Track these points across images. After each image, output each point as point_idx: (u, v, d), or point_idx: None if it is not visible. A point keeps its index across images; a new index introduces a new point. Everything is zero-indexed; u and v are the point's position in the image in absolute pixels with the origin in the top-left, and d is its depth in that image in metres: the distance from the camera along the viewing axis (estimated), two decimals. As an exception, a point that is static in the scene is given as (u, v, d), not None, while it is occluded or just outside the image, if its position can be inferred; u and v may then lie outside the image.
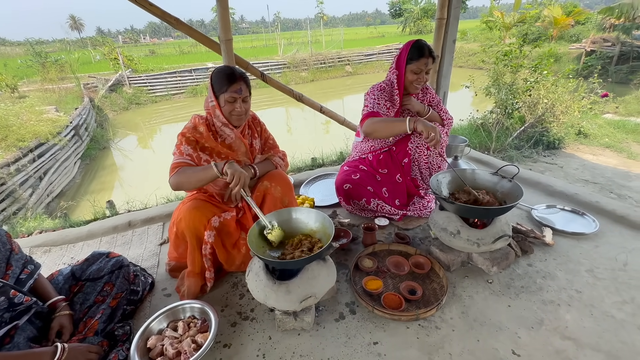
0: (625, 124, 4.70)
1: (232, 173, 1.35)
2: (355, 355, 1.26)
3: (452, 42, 2.97)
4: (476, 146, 3.96)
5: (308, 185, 2.65)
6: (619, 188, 2.98)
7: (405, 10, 33.58)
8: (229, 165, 1.37)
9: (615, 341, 1.26)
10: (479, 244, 1.52)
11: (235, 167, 1.37)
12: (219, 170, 1.37)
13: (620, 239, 1.83)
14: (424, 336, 1.32)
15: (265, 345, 1.32)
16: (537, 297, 1.47)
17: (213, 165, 1.38)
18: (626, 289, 1.49)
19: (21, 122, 5.37)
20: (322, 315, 1.44)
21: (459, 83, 5.91)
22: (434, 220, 1.70)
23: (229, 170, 1.35)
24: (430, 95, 2.13)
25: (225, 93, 1.44)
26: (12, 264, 1.24)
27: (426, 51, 1.83)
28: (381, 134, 1.89)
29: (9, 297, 1.13)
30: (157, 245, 2.00)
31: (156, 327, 1.34)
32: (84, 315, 1.35)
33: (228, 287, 1.63)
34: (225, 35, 2.15)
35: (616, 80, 10.59)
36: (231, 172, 1.35)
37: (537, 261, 1.69)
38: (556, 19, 15.91)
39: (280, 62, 17.30)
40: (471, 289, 1.54)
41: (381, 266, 1.67)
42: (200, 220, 1.49)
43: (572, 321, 1.35)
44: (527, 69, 4.23)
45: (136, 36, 79.04)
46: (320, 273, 1.32)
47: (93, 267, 1.45)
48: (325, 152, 4.16)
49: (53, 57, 12.98)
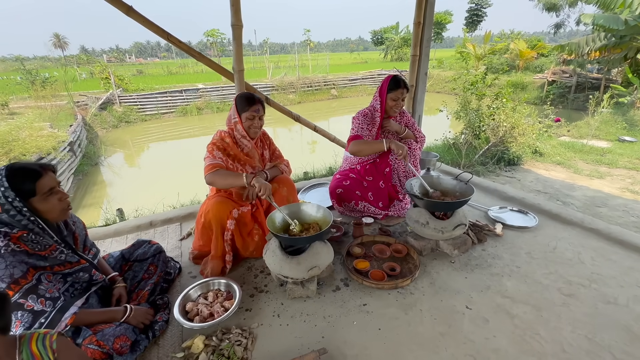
0: (574, 145, 5.44)
1: (260, 185, 1.73)
2: (349, 313, 1.64)
3: (424, 74, 3.55)
4: (448, 162, 4.52)
5: (304, 192, 3.06)
6: (564, 197, 3.56)
7: (387, 38, 35.70)
8: (257, 180, 1.75)
9: (540, 298, 1.71)
10: (443, 231, 1.97)
11: (261, 180, 1.76)
12: (248, 181, 1.76)
13: (554, 230, 2.34)
14: (402, 299, 1.72)
15: (278, 308, 1.69)
16: (487, 271, 1.92)
17: (244, 177, 1.76)
18: (552, 265, 1.97)
19: (24, 137, 5.58)
20: (323, 288, 1.82)
21: (436, 107, 6.61)
22: (409, 215, 2.15)
23: (257, 183, 1.73)
24: (406, 118, 2.64)
25: (246, 112, 1.88)
26: (87, 246, 1.58)
27: (402, 84, 2.34)
28: (364, 153, 2.38)
29: (90, 273, 1.47)
30: (178, 241, 2.33)
31: (192, 295, 1.69)
32: (134, 287, 1.69)
33: (244, 270, 1.99)
34: (239, 66, 2.61)
35: (573, 108, 11.80)
36: (259, 185, 1.73)
37: (489, 247, 2.15)
38: (521, 52, 17.57)
39: (269, 85, 18.01)
40: (438, 267, 1.97)
41: (368, 252, 2.09)
42: (224, 211, 1.87)
43: (511, 286, 1.79)
44: (490, 97, 4.92)
45: (122, 55, 79.22)
46: (322, 250, 1.73)
47: (139, 251, 1.80)
48: (316, 167, 4.62)
49: (42, 74, 13.12)
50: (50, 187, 1.27)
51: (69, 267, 1.38)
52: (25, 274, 1.22)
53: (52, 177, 1.30)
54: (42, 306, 1.22)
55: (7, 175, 1.21)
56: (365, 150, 2.36)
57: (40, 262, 1.27)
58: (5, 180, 1.20)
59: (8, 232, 1.22)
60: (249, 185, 1.77)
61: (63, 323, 1.24)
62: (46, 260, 1.30)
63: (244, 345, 1.46)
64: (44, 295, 1.24)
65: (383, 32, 37.43)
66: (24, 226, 1.26)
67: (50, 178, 1.28)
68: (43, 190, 1.25)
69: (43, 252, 1.29)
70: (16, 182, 1.21)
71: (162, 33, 2.35)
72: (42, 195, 1.25)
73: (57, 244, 1.35)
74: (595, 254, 2.06)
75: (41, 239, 1.29)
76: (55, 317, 1.23)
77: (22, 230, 1.25)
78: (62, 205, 1.32)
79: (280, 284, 1.85)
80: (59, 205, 1.30)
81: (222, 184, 1.82)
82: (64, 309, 1.26)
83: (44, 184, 1.25)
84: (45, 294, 1.25)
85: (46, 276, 1.29)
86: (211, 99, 16.37)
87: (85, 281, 1.46)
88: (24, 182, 1.23)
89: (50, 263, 1.31)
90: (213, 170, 1.80)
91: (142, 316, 1.49)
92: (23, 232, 1.25)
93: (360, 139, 2.37)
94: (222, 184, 1.82)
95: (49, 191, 1.27)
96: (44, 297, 1.24)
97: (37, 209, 1.27)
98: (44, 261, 1.29)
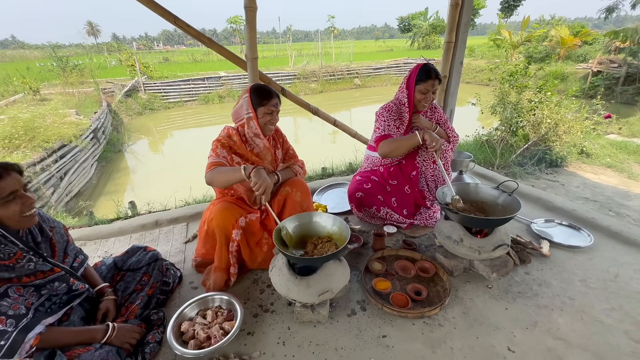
0: (627, 145, 4.83)
1: (256, 181, 1.44)
2: (366, 346, 1.40)
3: (459, 64, 3.16)
4: (481, 162, 4.11)
5: (320, 193, 2.82)
6: (617, 207, 3.10)
7: (414, 25, 34.21)
8: (255, 173, 1.46)
9: (602, 343, 1.39)
10: (480, 251, 1.67)
11: (261, 175, 1.46)
12: (246, 174, 1.48)
13: (613, 253, 1.97)
14: (428, 332, 1.46)
15: (284, 334, 1.47)
16: (532, 301, 1.61)
17: (242, 169, 1.48)
18: (615, 297, 1.63)
19: (47, 124, 5.67)
20: (336, 311, 1.59)
21: (466, 99, 6.10)
22: (439, 228, 1.86)
23: (254, 178, 1.44)
24: (438, 114, 2.31)
25: (264, 107, 1.65)
26: (68, 253, 1.42)
27: (433, 74, 2.01)
28: (397, 152, 2.08)
29: (68, 283, 1.31)
30: (183, 243, 2.17)
31: (188, 313, 1.50)
32: (125, 300, 1.52)
33: (249, 283, 1.79)
34: (252, 54, 2.36)
35: (622, 101, 10.72)
36: (255, 180, 1.44)
37: (534, 270, 1.83)
38: (563, 39, 16.17)
39: (291, 73, 17.72)
40: (472, 292, 1.68)
41: (389, 269, 1.83)
42: (229, 220, 1.66)
43: (564, 324, 1.48)
44: (532, 90, 4.41)
45: (150, 43, 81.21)
46: (337, 271, 1.48)
47: (133, 259, 1.63)
48: (335, 162, 4.34)
49: (73, 62, 13.49)
50: (10, 191, 1.09)
51: (41, 277, 1.21)
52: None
53: (16, 179, 1.12)
54: (3, 326, 1.06)
55: None
56: (398, 150, 2.06)
57: (4, 274, 1.11)
58: None
59: None
60: (247, 178, 1.48)
61: (27, 345, 1.08)
62: (12, 271, 1.14)
63: (241, 380, 1.26)
64: (6, 312, 1.08)
65: (411, 18, 35.88)
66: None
67: (13, 180, 1.11)
68: (1, 194, 1.08)
69: (7, 261, 1.13)
70: None
71: (169, 16, 2.14)
72: (0, 200, 1.08)
73: (24, 251, 1.18)
74: (670, 286, 1.70)
75: (3, 247, 1.13)
76: (17, 338, 1.07)
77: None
78: (26, 210, 1.15)
79: (289, 303, 1.63)
80: (22, 211, 1.13)
81: (221, 181, 1.57)
82: (27, 329, 1.10)
83: (3, 187, 1.08)
84: (8, 311, 1.08)
85: (15, 289, 1.13)
86: (233, 87, 16.31)
87: (64, 292, 1.30)
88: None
89: (17, 274, 1.15)
90: (212, 168, 1.58)
91: (127, 335, 1.32)
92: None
93: (389, 137, 2.07)
94: (221, 181, 1.57)
95: (10, 195, 1.09)
96: (5, 314, 1.07)
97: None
98: (10, 272, 1.13)
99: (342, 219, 1.61)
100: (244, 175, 1.48)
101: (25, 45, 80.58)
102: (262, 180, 1.45)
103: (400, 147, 2.03)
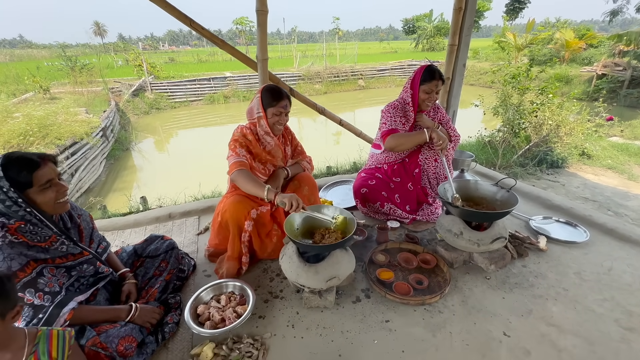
0: (628, 147, 4.88)
1: (289, 201, 1.50)
2: (370, 329, 1.50)
3: (462, 66, 3.25)
4: (483, 162, 4.19)
5: (326, 190, 2.92)
6: (616, 206, 3.17)
7: (419, 27, 34.24)
8: (281, 196, 1.53)
9: (593, 330, 1.48)
10: (479, 244, 1.76)
11: (285, 196, 1.53)
12: (268, 198, 1.56)
13: (608, 248, 2.05)
14: (429, 318, 1.55)
15: (293, 318, 1.57)
16: (528, 292, 1.70)
17: (266, 191, 1.56)
18: (608, 289, 1.71)
19: (59, 122, 5.82)
20: (342, 298, 1.68)
21: (470, 101, 6.18)
22: (440, 223, 1.95)
23: (285, 200, 1.51)
24: (440, 114, 2.40)
25: (273, 108, 1.75)
26: (93, 239, 1.53)
27: (437, 75, 2.11)
28: (404, 146, 2.18)
29: (95, 266, 1.42)
30: (195, 235, 2.28)
31: (204, 298, 1.61)
32: (145, 284, 1.63)
33: (260, 272, 1.90)
34: (262, 55, 2.47)
35: (626, 104, 10.72)
36: (288, 201, 1.50)
37: (531, 263, 1.91)
38: (568, 42, 16.16)
39: (296, 74, 17.84)
40: (471, 283, 1.77)
41: (392, 261, 1.92)
42: (242, 211, 1.76)
43: (557, 312, 1.57)
44: (534, 92, 4.48)
45: (155, 43, 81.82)
46: (343, 259, 1.58)
47: (151, 247, 1.74)
48: (340, 161, 4.44)
49: (81, 61, 13.71)
50: (48, 179, 1.21)
51: (72, 259, 1.33)
52: (24, 266, 1.17)
53: (52, 168, 1.23)
54: (41, 300, 1.18)
55: (2, 164, 1.15)
56: (405, 145, 2.17)
57: (41, 255, 1.22)
58: (0, 170, 1.14)
59: (5, 223, 1.17)
60: (269, 201, 1.59)
61: (61, 319, 1.19)
62: (47, 252, 1.25)
63: (254, 357, 1.36)
64: (43, 289, 1.19)
65: (415, 20, 35.93)
66: (21, 217, 1.20)
67: (50, 169, 1.22)
68: (40, 182, 1.19)
69: (43, 243, 1.24)
70: (12, 172, 1.16)
71: (185, 19, 2.25)
72: (38, 187, 1.19)
73: (57, 235, 1.29)
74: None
75: (40, 230, 1.24)
76: (53, 312, 1.18)
77: (20, 221, 1.20)
78: (60, 197, 1.26)
79: (297, 290, 1.73)
80: (57, 197, 1.24)
81: (244, 188, 1.69)
82: (62, 304, 1.21)
83: (42, 175, 1.19)
84: (45, 288, 1.20)
85: (49, 269, 1.24)
86: (238, 87, 16.47)
87: (91, 275, 1.41)
88: (20, 173, 1.17)
89: (51, 255, 1.26)
90: (238, 168, 1.68)
91: (148, 315, 1.42)
92: (20, 222, 1.20)
93: (396, 132, 2.17)
94: (244, 188, 1.69)
95: (47, 183, 1.21)
96: (42, 291, 1.19)
97: (34, 201, 1.22)
98: (45, 253, 1.24)
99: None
100: (266, 198, 1.56)
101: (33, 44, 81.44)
102: (293, 199, 1.52)
103: (407, 142, 2.14)
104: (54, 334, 1.03)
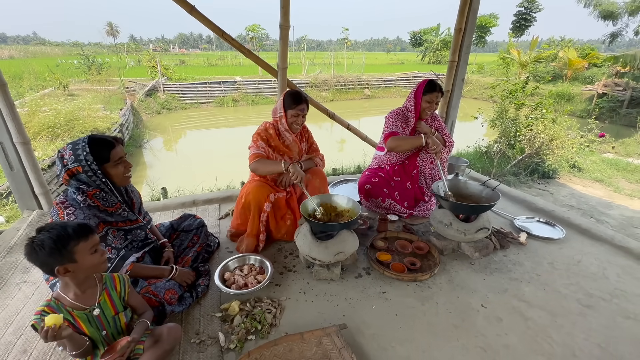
0: (617, 162, 5.16)
1: (294, 172, 1.97)
2: (369, 298, 1.78)
3: (460, 80, 3.57)
4: (479, 170, 4.49)
5: (333, 186, 3.22)
6: (599, 214, 3.45)
7: (426, 40, 34.86)
8: (293, 166, 1.99)
9: (557, 306, 1.75)
10: (465, 233, 2.05)
11: (297, 168, 1.99)
12: (285, 168, 1.99)
13: (581, 245, 2.33)
14: (419, 291, 1.83)
15: (305, 287, 1.86)
16: (506, 275, 1.98)
17: (282, 163, 2.00)
18: (574, 276, 1.99)
19: (83, 117, 6.19)
20: (346, 274, 1.97)
21: (472, 114, 6.49)
22: (433, 215, 2.24)
23: (292, 169, 1.97)
24: (437, 122, 2.71)
25: (292, 110, 2.06)
26: (142, 212, 1.84)
27: (437, 87, 2.43)
28: (403, 148, 2.48)
29: (145, 232, 1.73)
30: (217, 219, 2.58)
31: (230, 266, 1.90)
32: (180, 253, 1.93)
33: (275, 251, 2.19)
34: (283, 64, 2.81)
35: (624, 123, 11.02)
36: (293, 171, 1.97)
37: (511, 254, 2.20)
38: (571, 61, 16.55)
39: (303, 81, 18.28)
40: (457, 267, 2.05)
41: (391, 246, 2.21)
42: (263, 194, 2.07)
43: (529, 292, 1.85)
44: (529, 107, 4.79)
45: (166, 45, 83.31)
46: (349, 238, 1.88)
47: (185, 223, 2.05)
48: (345, 164, 4.76)
49: (98, 60, 14.22)
50: (120, 156, 1.51)
51: (129, 225, 1.63)
52: (97, 225, 1.47)
53: (122, 148, 1.55)
54: (109, 253, 1.48)
55: (89, 143, 1.46)
56: (403, 146, 2.46)
57: (108, 218, 1.53)
58: (87, 147, 1.45)
59: (85, 190, 1.47)
60: (286, 170, 1.97)
61: (124, 269, 1.49)
62: (112, 216, 1.55)
63: (273, 313, 1.64)
64: (111, 244, 1.50)
65: (422, 33, 36.61)
66: (97, 185, 1.51)
67: (121, 149, 1.53)
68: (115, 158, 1.49)
69: (110, 208, 1.55)
70: (95, 149, 1.46)
71: (219, 31, 2.59)
72: (113, 162, 1.50)
73: (121, 203, 1.60)
74: (622, 271, 2.05)
75: (109, 197, 1.55)
76: (118, 264, 1.49)
77: (96, 188, 1.51)
78: (126, 172, 1.57)
79: (308, 266, 2.02)
80: (124, 172, 1.55)
81: (263, 171, 2.03)
82: (124, 258, 1.51)
83: (116, 153, 1.50)
84: (112, 244, 1.50)
85: (112, 231, 1.55)
86: (247, 91, 16.91)
87: (141, 240, 1.71)
88: (102, 150, 1.47)
89: (115, 219, 1.56)
90: (256, 159, 2.01)
91: (185, 276, 1.72)
92: (96, 190, 1.50)
93: (397, 134, 2.48)
94: (263, 171, 2.03)
95: (119, 159, 1.51)
96: (110, 246, 1.50)
97: (108, 173, 1.52)
98: (111, 217, 1.55)
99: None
100: (283, 168, 1.98)
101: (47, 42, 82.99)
102: (298, 171, 1.97)
103: (406, 144, 2.44)
104: (115, 277, 1.30)
